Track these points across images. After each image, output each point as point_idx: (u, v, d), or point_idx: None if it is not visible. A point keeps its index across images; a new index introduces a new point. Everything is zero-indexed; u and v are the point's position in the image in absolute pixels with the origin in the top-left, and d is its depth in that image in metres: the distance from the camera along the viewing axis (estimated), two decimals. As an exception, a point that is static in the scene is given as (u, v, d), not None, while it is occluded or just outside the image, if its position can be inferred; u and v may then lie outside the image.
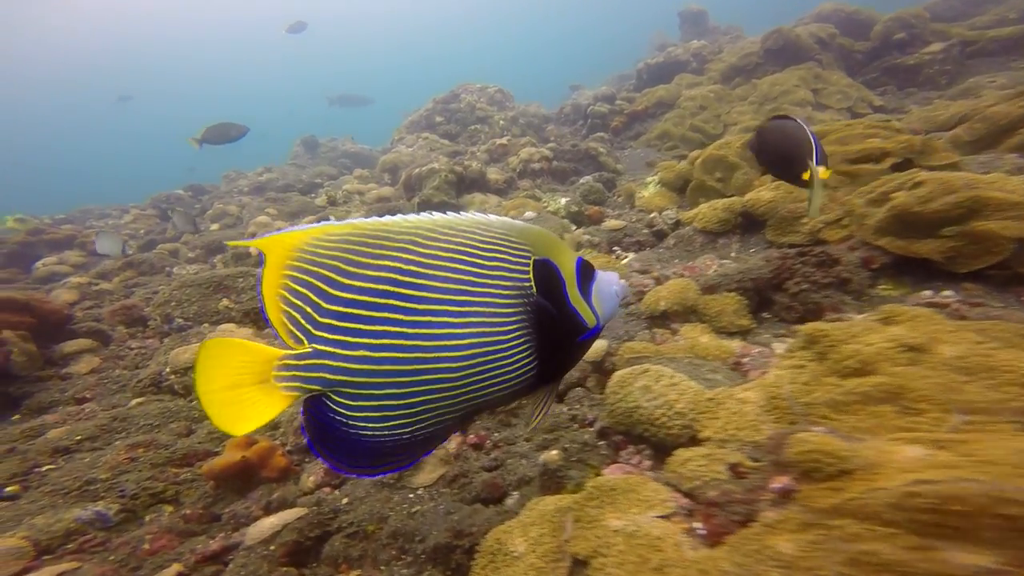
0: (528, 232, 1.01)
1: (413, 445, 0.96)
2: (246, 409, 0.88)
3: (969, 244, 1.76)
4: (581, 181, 6.02)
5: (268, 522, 1.87)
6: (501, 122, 10.39)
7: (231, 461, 2.02)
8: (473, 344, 0.92)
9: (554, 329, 0.99)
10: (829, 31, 6.65)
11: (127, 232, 8.27)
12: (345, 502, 1.96)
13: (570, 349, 1.07)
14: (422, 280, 0.91)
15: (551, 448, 1.89)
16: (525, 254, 0.98)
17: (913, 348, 1.12)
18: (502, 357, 0.94)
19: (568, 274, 1.03)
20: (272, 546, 1.78)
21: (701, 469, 1.12)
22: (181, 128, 7.42)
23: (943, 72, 5.50)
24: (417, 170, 6.63)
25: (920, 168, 2.21)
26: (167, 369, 2.96)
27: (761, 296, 2.11)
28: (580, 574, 1.11)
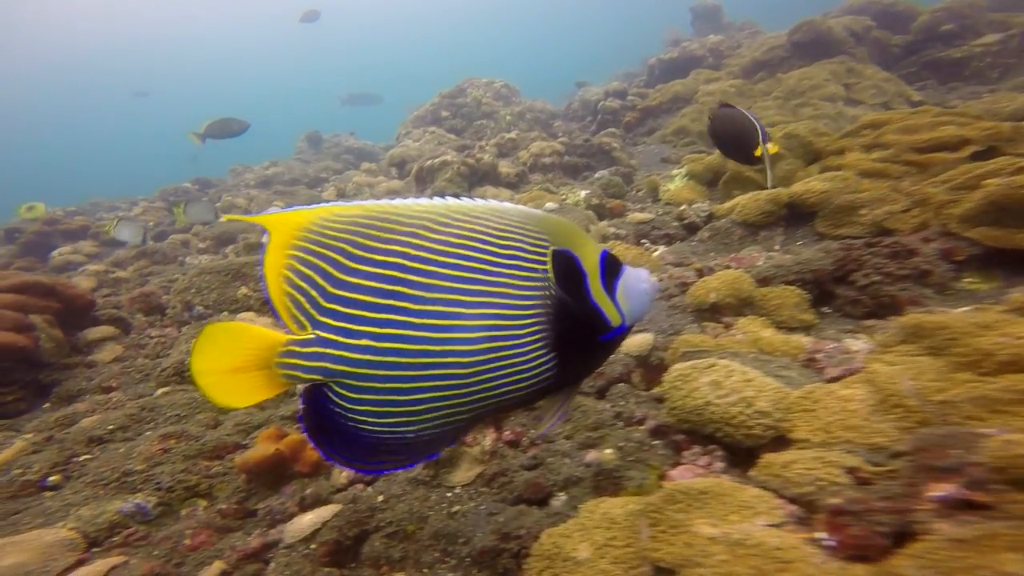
0: (547, 221, 0.94)
1: (417, 445, 0.90)
2: (243, 388, 0.85)
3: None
4: (597, 175, 5.93)
5: (306, 519, 1.79)
6: (508, 117, 10.31)
7: (266, 454, 1.93)
8: (485, 339, 0.85)
9: (573, 326, 0.91)
10: (865, 23, 6.50)
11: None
12: (381, 500, 1.87)
13: (591, 349, 0.99)
14: (432, 268, 0.85)
15: (602, 447, 1.80)
16: (543, 244, 0.91)
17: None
18: (516, 354, 0.87)
19: (591, 267, 0.95)
20: (313, 544, 1.70)
21: (811, 473, 1.02)
22: (187, 123, 7.41)
23: (996, 65, 5.33)
24: (429, 162, 6.54)
25: (1009, 156, 2.08)
26: (188, 359, 2.88)
27: (821, 289, 2.02)
28: (664, 582, 1.02)
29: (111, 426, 2.14)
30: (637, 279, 1.00)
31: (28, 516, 1.72)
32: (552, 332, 0.89)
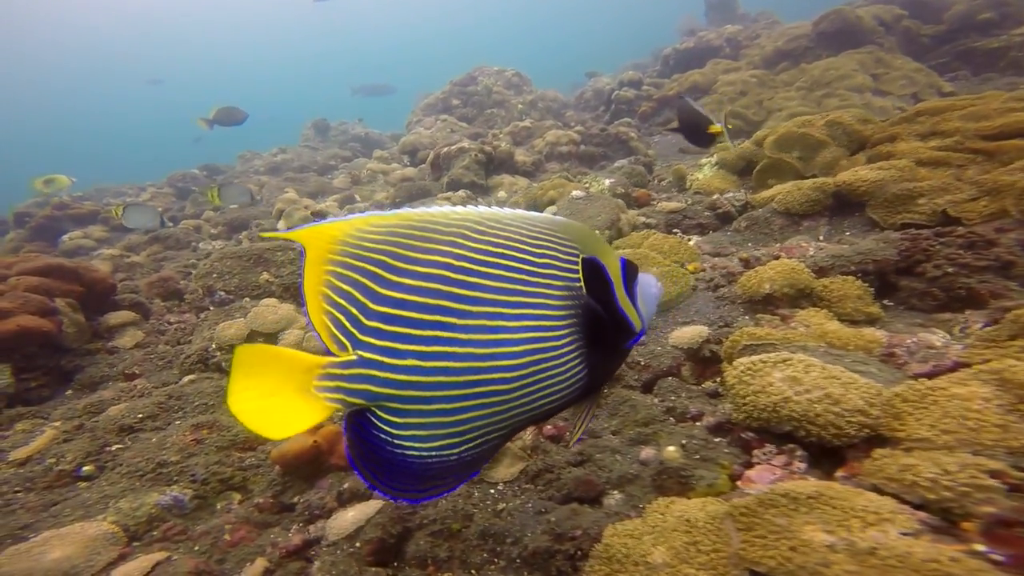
0: (572, 228, 0.93)
1: (460, 467, 0.86)
2: (285, 415, 0.79)
3: None
4: (617, 164, 5.81)
5: (349, 516, 1.71)
6: (519, 106, 10.17)
7: (303, 446, 1.85)
8: (528, 351, 0.83)
9: (604, 333, 0.91)
10: (895, 12, 6.32)
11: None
12: (422, 495, 1.79)
13: (616, 355, 1.00)
14: (474, 278, 0.81)
15: (662, 444, 1.71)
16: (574, 252, 0.90)
17: None
18: (555, 365, 0.85)
19: (615, 274, 0.95)
20: (357, 543, 1.63)
21: (946, 477, 0.93)
22: (197, 110, 7.37)
23: None
24: (445, 149, 6.43)
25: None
26: (213, 345, 2.80)
27: (883, 281, 1.92)
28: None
29: (140, 415, 2.07)
30: (649, 284, 1.01)
31: (68, 508, 1.66)
32: (585, 341, 0.88)
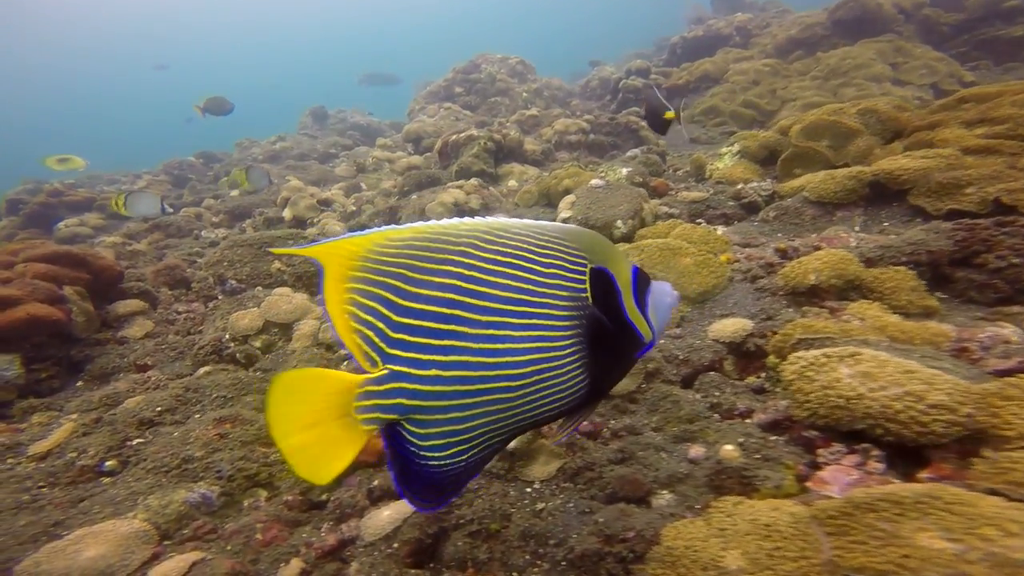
0: (583, 237, 0.94)
1: (466, 472, 0.89)
2: (328, 451, 0.81)
3: None
4: (629, 154, 5.70)
5: (384, 515, 1.63)
6: (524, 95, 10.02)
7: (334, 441, 1.77)
8: (532, 360, 0.84)
9: (609, 343, 0.92)
10: (916, 0, 6.20)
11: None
12: (455, 494, 1.71)
13: (622, 366, 1.00)
14: (484, 288, 0.83)
15: (712, 442, 1.64)
16: (582, 261, 0.91)
17: None
18: (557, 373, 0.87)
19: (624, 283, 0.95)
20: (395, 543, 1.55)
21: None
22: (195, 97, 7.25)
23: None
24: (454, 137, 6.30)
25: None
26: (226, 336, 2.70)
27: (936, 272, 1.85)
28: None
29: (159, 407, 1.98)
30: (663, 293, 1.00)
31: (97, 504, 1.59)
32: (588, 351, 0.89)
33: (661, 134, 4.64)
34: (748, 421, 1.68)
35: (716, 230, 3.17)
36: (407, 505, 1.75)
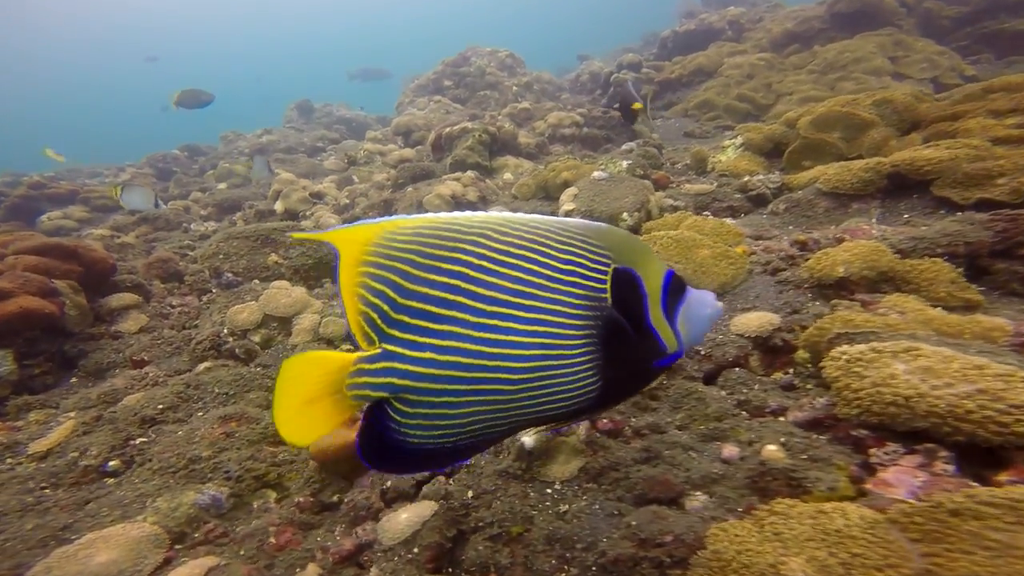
0: (611, 236, 0.91)
1: (453, 453, 0.89)
2: (315, 420, 0.84)
3: None
4: (626, 147, 5.65)
5: (402, 519, 1.55)
6: (514, 88, 9.92)
7: (348, 441, 1.68)
8: (535, 356, 0.83)
9: (625, 348, 0.88)
10: (917, -8, 6.19)
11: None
12: (471, 496, 1.63)
13: (640, 374, 0.95)
14: (491, 278, 0.83)
15: (744, 440, 1.57)
16: (604, 260, 0.88)
17: None
18: (564, 373, 0.85)
19: (652, 288, 0.91)
20: (415, 548, 1.47)
21: None
22: (176, 88, 7.08)
23: None
24: (448, 129, 6.18)
25: None
26: (225, 330, 2.58)
27: (973, 264, 1.80)
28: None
29: (161, 405, 1.87)
30: (701, 303, 0.95)
31: (104, 507, 1.50)
32: (602, 354, 0.86)
33: (630, 123, 5.01)
34: (782, 419, 1.62)
35: (726, 222, 3.12)
36: (424, 501, 1.68)
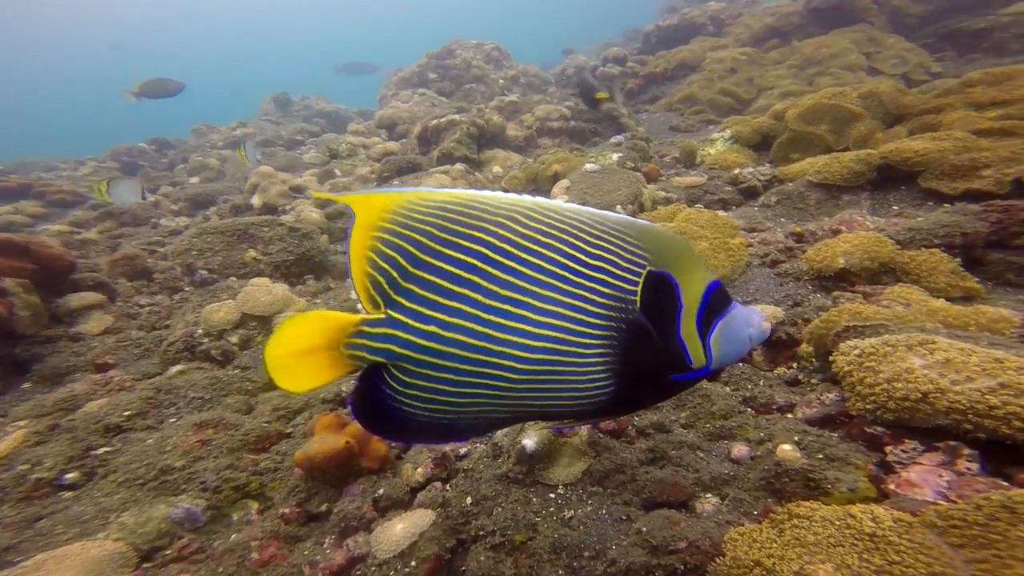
0: (654, 236, 0.85)
1: (448, 430, 0.88)
2: (311, 371, 0.83)
3: None
4: (614, 140, 5.62)
5: (397, 529, 1.45)
6: (501, 81, 9.80)
7: (335, 448, 1.57)
8: (544, 350, 0.80)
9: (647, 357, 0.84)
10: (890, -11, 6.30)
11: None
12: (470, 502, 1.55)
13: (660, 386, 0.90)
14: (511, 262, 0.80)
15: (753, 439, 1.52)
16: (640, 261, 0.84)
17: None
18: (574, 372, 0.82)
19: (690, 298, 0.85)
20: (413, 562, 1.38)
21: None
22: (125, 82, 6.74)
23: (1017, 36, 5.15)
24: (434, 122, 6.05)
25: None
26: (199, 331, 2.43)
27: (968, 255, 1.79)
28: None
29: (127, 412, 1.72)
30: (745, 322, 0.89)
31: (59, 524, 1.35)
32: (619, 359, 0.82)
33: (594, 110, 5.52)
34: (790, 416, 1.58)
35: (720, 215, 3.09)
36: (419, 509, 1.59)
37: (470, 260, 0.79)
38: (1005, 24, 5.19)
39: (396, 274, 0.81)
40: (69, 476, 1.57)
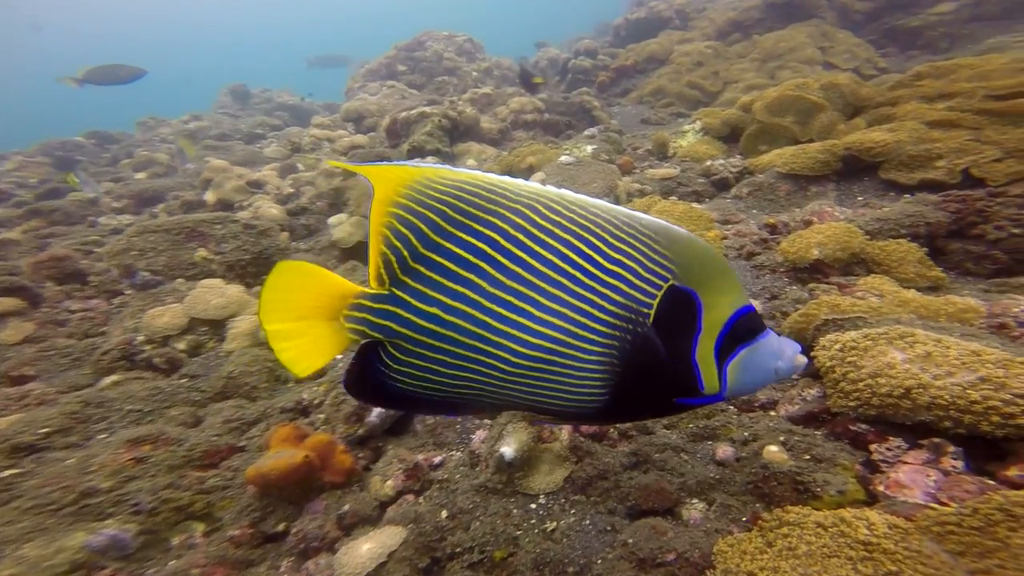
0: (685, 247, 0.79)
1: (439, 405, 0.87)
2: (312, 346, 0.82)
3: None
4: (587, 133, 5.58)
5: (364, 550, 1.34)
6: (474, 73, 9.65)
7: (293, 463, 1.43)
8: (542, 347, 0.78)
9: (650, 374, 0.80)
10: (834, -14, 6.47)
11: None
12: (445, 516, 1.44)
13: (660, 405, 0.86)
14: (522, 253, 0.78)
15: (738, 440, 1.46)
16: (664, 273, 0.79)
17: None
18: (568, 375, 0.80)
19: (712, 322, 0.79)
20: (381, 583, 1.26)
21: None
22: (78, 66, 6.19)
23: (945, 35, 5.41)
24: (404, 114, 5.86)
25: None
26: (140, 337, 2.22)
27: (931, 245, 1.80)
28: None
29: (44, 429, 1.53)
30: (774, 354, 0.82)
31: None
32: (619, 372, 0.79)
33: (532, 93, 5.93)
34: (773, 414, 1.53)
35: (695, 207, 3.07)
36: (388, 527, 1.47)
37: (480, 245, 0.78)
38: (933, 23, 5.41)
39: (407, 253, 0.79)
40: (-32, 507, 1.35)
